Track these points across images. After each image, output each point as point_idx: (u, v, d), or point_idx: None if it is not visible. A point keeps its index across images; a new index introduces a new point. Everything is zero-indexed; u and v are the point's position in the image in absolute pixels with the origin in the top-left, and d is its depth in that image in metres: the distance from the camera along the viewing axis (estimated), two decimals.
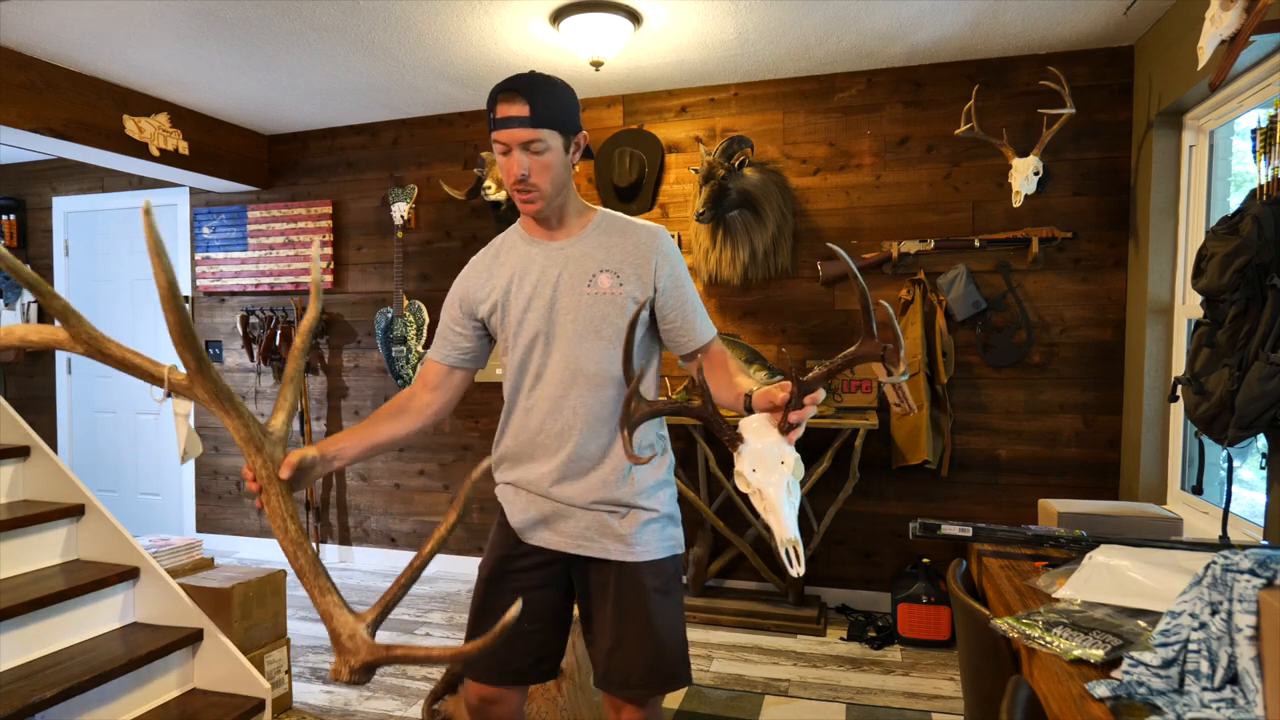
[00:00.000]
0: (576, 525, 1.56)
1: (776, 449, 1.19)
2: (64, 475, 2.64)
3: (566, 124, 1.47)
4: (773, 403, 1.25)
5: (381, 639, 3.46)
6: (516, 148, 1.44)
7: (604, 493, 1.56)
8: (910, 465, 3.48)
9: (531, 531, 1.60)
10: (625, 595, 1.56)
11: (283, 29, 3.08)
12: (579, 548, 1.57)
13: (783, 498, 1.17)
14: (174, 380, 1.19)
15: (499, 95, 1.43)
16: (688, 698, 2.81)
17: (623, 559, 1.56)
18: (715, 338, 1.63)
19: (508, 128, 1.43)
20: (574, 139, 1.51)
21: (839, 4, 2.90)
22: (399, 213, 4.25)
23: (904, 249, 3.53)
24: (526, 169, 1.45)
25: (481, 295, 1.61)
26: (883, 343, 1.21)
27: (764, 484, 1.18)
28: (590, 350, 1.53)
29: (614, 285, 1.53)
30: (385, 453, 1.52)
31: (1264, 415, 1.80)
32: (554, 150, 1.46)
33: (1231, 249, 1.89)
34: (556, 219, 1.57)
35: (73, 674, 2.18)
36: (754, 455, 1.20)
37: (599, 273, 1.53)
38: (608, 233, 1.57)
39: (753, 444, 1.21)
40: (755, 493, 1.19)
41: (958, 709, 2.72)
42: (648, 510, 1.59)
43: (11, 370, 5.29)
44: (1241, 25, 1.81)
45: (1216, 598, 1.05)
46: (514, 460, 1.62)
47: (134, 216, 4.99)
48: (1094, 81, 3.35)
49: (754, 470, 1.19)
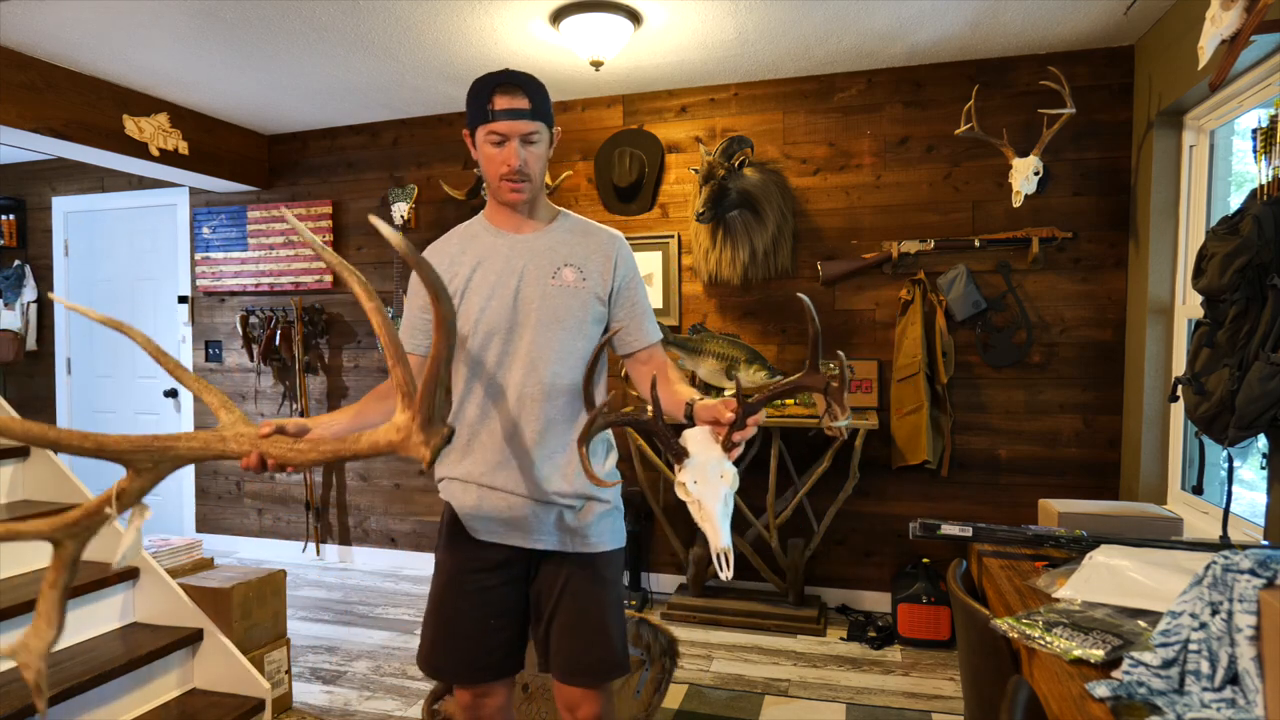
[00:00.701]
0: (532, 519, 1.56)
1: (718, 465, 1.26)
2: (64, 475, 2.65)
3: (551, 119, 1.55)
4: (717, 418, 1.29)
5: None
6: (515, 139, 1.48)
7: (561, 484, 1.56)
8: (910, 465, 3.48)
9: (484, 527, 1.59)
10: (580, 586, 1.57)
11: (283, 29, 3.08)
12: (535, 542, 1.57)
13: (719, 510, 1.24)
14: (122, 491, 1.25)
15: (497, 88, 1.46)
16: (687, 698, 2.81)
17: (577, 550, 1.58)
18: (659, 342, 1.66)
19: (510, 119, 1.46)
20: (554, 132, 1.58)
21: (839, 4, 2.90)
22: (399, 213, 4.25)
23: (904, 249, 3.53)
24: (524, 160, 1.49)
25: (448, 279, 1.58)
26: (825, 378, 1.28)
27: (704, 495, 1.25)
28: (550, 340, 1.54)
29: (578, 279, 1.57)
30: None
31: (1264, 415, 1.80)
32: (544, 143, 1.54)
33: (1232, 249, 1.89)
34: (528, 211, 1.60)
35: (73, 674, 2.18)
36: (697, 468, 1.26)
37: (563, 266, 1.57)
38: (572, 231, 1.62)
39: (696, 457, 1.27)
40: (694, 503, 1.26)
41: (958, 709, 2.72)
42: (602, 501, 1.60)
43: (11, 370, 5.30)
44: (1242, 25, 1.81)
45: (1217, 598, 1.05)
46: (466, 452, 1.59)
47: (134, 216, 4.99)
48: (1094, 81, 3.35)
49: (695, 482, 1.26)
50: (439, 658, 1.62)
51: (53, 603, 1.21)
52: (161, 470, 1.25)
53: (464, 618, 1.60)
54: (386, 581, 4.22)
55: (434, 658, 1.62)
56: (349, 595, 4.00)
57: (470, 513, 1.60)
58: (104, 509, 1.21)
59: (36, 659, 1.16)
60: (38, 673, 1.16)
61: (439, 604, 1.63)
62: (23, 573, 2.47)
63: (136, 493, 1.24)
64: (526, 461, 1.55)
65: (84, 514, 1.22)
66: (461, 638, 1.60)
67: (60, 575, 1.20)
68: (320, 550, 4.63)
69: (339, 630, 3.53)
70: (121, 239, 5.02)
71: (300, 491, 4.65)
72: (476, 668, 1.61)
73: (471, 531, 1.60)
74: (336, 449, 1.26)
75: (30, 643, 1.18)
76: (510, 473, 1.55)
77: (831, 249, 3.70)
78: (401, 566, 4.47)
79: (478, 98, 1.49)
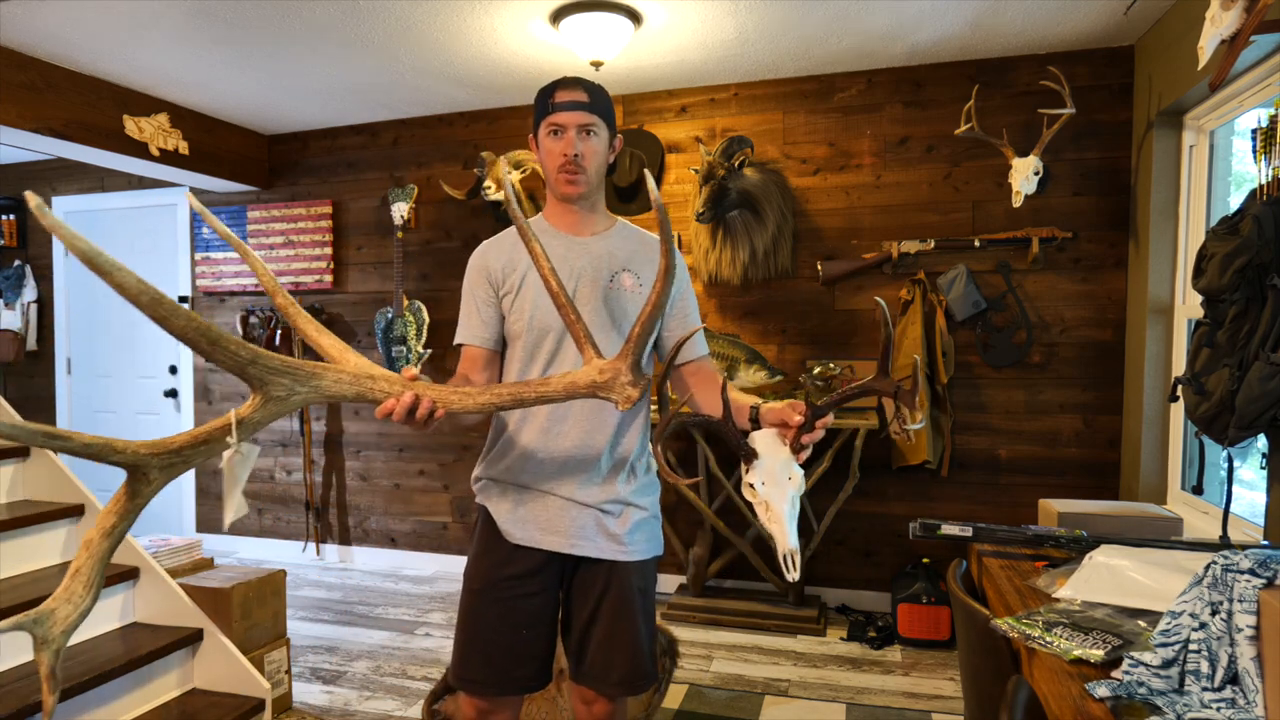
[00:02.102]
0: (571, 523, 1.55)
1: (786, 466, 1.25)
2: (64, 475, 2.65)
3: (612, 121, 1.59)
4: (785, 421, 1.29)
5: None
6: (573, 129, 1.51)
7: (605, 489, 1.55)
8: (910, 465, 3.48)
9: (521, 530, 1.56)
10: (615, 594, 1.56)
11: (283, 29, 3.08)
12: (573, 547, 1.55)
13: (787, 511, 1.23)
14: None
15: (559, 86, 1.53)
16: (688, 698, 2.81)
17: (615, 558, 1.56)
18: (706, 356, 1.66)
19: (568, 110, 1.51)
20: (614, 139, 1.61)
21: (839, 4, 2.90)
22: (399, 213, 4.25)
23: (904, 249, 3.53)
24: (580, 149, 1.52)
25: (504, 274, 1.59)
26: (894, 382, 1.26)
27: (771, 497, 1.24)
28: (603, 344, 1.52)
29: (634, 285, 1.58)
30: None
31: (1264, 415, 1.80)
32: (602, 139, 1.56)
33: (1231, 249, 1.89)
34: (587, 212, 1.61)
35: (73, 674, 2.18)
36: (765, 470, 1.25)
37: (622, 271, 1.58)
38: (629, 238, 1.64)
39: (765, 459, 1.26)
40: (762, 504, 1.25)
41: (958, 709, 2.72)
42: (641, 509, 1.59)
43: (11, 370, 5.30)
44: (1242, 25, 1.81)
45: (1216, 598, 1.05)
46: (506, 451, 1.58)
47: (134, 216, 4.99)
48: (1094, 81, 3.34)
49: (763, 483, 1.25)
50: (470, 669, 1.58)
51: (99, 558, 0.99)
52: (292, 403, 1.11)
53: (495, 628, 1.57)
54: (386, 581, 4.22)
55: (464, 670, 1.59)
56: (349, 595, 4.00)
57: (507, 515, 1.58)
58: (224, 435, 1.05)
59: (59, 633, 0.96)
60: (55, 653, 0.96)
61: (469, 614, 1.59)
62: (23, 572, 2.47)
63: (257, 424, 1.09)
64: (568, 464, 1.54)
65: (193, 439, 1.03)
66: (493, 648, 1.57)
67: (120, 521, 0.99)
68: (320, 550, 4.63)
69: (339, 630, 3.53)
70: (121, 239, 5.02)
71: (300, 491, 4.65)
72: (499, 679, 1.58)
73: (506, 535, 1.57)
74: (517, 392, 1.18)
75: (58, 610, 0.96)
76: (550, 474, 1.55)
77: (831, 249, 3.70)
78: (401, 566, 4.47)
79: (541, 98, 1.55)
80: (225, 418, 1.06)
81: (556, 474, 1.55)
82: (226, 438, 1.05)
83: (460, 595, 1.64)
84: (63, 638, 0.96)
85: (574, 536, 1.55)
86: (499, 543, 1.58)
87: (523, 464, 1.56)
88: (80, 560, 0.99)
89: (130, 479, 0.99)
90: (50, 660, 0.96)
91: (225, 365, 1.04)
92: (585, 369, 1.18)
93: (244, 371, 1.06)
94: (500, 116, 4.19)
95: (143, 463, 0.98)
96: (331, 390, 1.12)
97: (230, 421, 1.05)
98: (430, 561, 4.44)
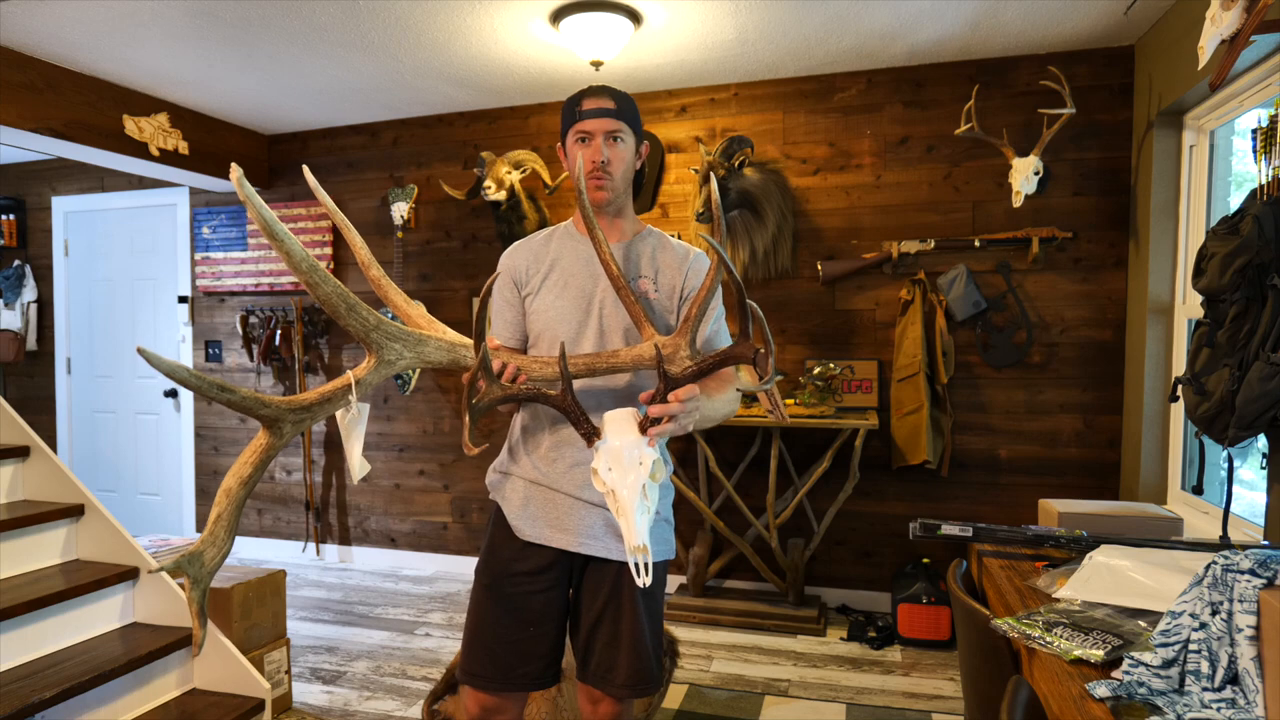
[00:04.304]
0: (582, 522, 1.56)
1: (635, 449, 1.13)
2: (64, 475, 2.64)
3: (639, 129, 1.62)
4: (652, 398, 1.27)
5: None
6: (600, 135, 1.54)
7: None
8: (910, 465, 3.48)
9: (531, 528, 1.58)
10: (623, 596, 1.56)
11: (283, 29, 3.08)
12: (582, 546, 1.56)
13: (635, 501, 1.10)
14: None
15: (585, 94, 1.57)
16: (687, 698, 2.80)
17: (623, 559, 1.56)
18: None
19: (595, 117, 1.54)
20: (641, 147, 1.63)
21: (839, 4, 2.90)
22: (399, 213, 4.25)
23: (904, 249, 3.53)
24: (607, 155, 1.55)
25: (528, 275, 1.63)
26: (754, 345, 1.25)
27: (618, 484, 1.12)
28: (614, 346, 1.55)
29: (651, 291, 1.60)
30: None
31: (1264, 415, 1.80)
32: (629, 146, 1.59)
33: (1232, 249, 1.89)
34: (613, 218, 1.63)
35: (73, 674, 2.18)
36: (611, 453, 1.14)
37: (639, 278, 1.60)
38: (654, 247, 1.65)
39: (611, 441, 1.15)
40: (609, 493, 1.13)
41: (958, 709, 2.72)
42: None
43: (11, 370, 5.30)
44: (1242, 25, 1.81)
45: (1217, 598, 1.05)
46: (519, 447, 1.61)
47: (134, 216, 4.99)
48: (1094, 81, 3.34)
49: (609, 469, 1.13)
50: (475, 664, 1.60)
51: (237, 504, 1.14)
52: (399, 366, 1.24)
53: (502, 623, 1.59)
54: (386, 581, 4.22)
55: (470, 664, 1.61)
56: (349, 595, 4.00)
57: (517, 510, 1.60)
58: (345, 394, 1.20)
59: (206, 573, 1.10)
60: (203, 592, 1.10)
61: (477, 609, 1.62)
62: (23, 572, 2.47)
63: (370, 384, 1.23)
64: (579, 463, 1.55)
65: (320, 396, 1.19)
66: (498, 643, 1.58)
67: (255, 471, 1.14)
68: (320, 550, 4.63)
69: (339, 630, 3.53)
70: (121, 239, 5.02)
71: (300, 491, 4.65)
72: (505, 676, 1.59)
73: (517, 531, 1.59)
74: (591, 362, 1.30)
75: (205, 552, 1.11)
76: (561, 471, 1.56)
77: (831, 249, 3.70)
78: (401, 566, 4.47)
79: (569, 106, 1.58)
80: (344, 377, 1.21)
81: (567, 473, 1.56)
82: (347, 395, 1.20)
83: (470, 590, 1.66)
84: (209, 577, 1.12)
85: (583, 535, 1.56)
86: (510, 539, 1.60)
87: (535, 462, 1.58)
88: (221, 507, 1.13)
89: (268, 430, 1.15)
90: (198, 598, 1.11)
91: (353, 329, 1.19)
92: (646, 344, 1.26)
93: (367, 336, 1.21)
94: (500, 116, 4.19)
95: (281, 416, 1.15)
96: (432, 357, 1.26)
97: (350, 381, 1.21)
98: (430, 562, 4.44)
